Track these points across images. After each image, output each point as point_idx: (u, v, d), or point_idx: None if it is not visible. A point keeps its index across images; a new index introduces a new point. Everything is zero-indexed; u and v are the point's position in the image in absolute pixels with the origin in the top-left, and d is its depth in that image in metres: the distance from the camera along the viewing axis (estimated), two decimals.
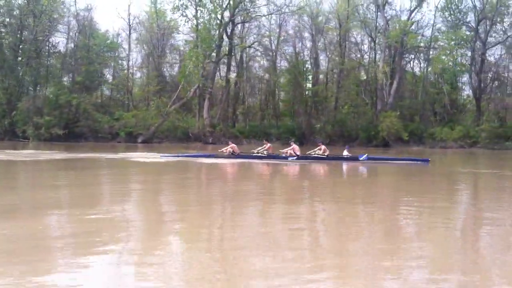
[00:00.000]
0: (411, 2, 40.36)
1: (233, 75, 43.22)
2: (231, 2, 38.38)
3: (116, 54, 45.70)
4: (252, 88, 47.83)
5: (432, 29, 41.20)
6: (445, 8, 41.94)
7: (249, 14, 40.15)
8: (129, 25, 43.00)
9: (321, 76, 44.00)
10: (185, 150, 27.53)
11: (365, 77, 43.53)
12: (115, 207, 7.68)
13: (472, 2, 40.98)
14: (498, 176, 15.85)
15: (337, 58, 41.71)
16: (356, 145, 38.63)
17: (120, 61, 43.71)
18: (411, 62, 46.64)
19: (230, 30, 40.05)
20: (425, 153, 34.70)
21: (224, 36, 39.70)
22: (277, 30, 43.81)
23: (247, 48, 43.00)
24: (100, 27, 45.76)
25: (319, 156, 19.18)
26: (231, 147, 19.61)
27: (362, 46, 44.54)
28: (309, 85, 44.68)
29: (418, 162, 19.26)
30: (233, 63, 42.53)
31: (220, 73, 44.23)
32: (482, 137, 37.92)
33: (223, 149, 20.01)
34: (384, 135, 37.25)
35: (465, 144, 38.42)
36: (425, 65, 42.79)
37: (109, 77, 45.26)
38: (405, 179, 14.36)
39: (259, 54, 45.65)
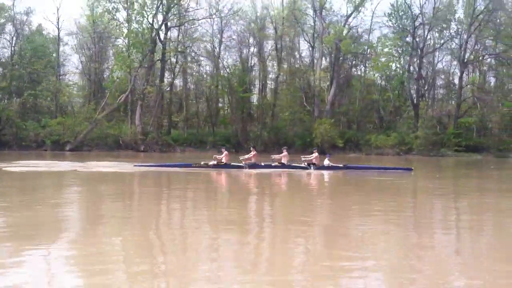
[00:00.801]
0: (347, 7, 40.06)
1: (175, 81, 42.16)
2: (163, 5, 37.27)
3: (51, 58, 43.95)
4: (196, 94, 46.87)
5: (369, 35, 41.10)
6: (391, 14, 41.71)
7: (183, 17, 39.11)
8: (58, 29, 41.27)
9: (257, 83, 43.23)
10: (114, 158, 25.99)
11: (306, 84, 42.99)
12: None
13: (409, 8, 41.09)
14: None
15: (274, 64, 41.05)
16: (293, 152, 38.04)
17: (51, 66, 41.87)
18: (357, 68, 46.53)
19: (164, 35, 38.95)
20: (360, 159, 34.37)
21: (158, 41, 38.60)
22: (219, 35, 42.95)
23: (189, 54, 42.07)
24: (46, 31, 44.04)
25: (300, 166, 18.02)
26: (225, 155, 17.90)
27: (302, 52, 43.98)
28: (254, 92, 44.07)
29: (399, 171, 18.54)
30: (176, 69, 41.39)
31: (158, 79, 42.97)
32: (416, 144, 37.84)
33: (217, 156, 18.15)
34: (318, 142, 36.69)
35: (401, 151, 38.30)
36: (362, 72, 42.54)
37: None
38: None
39: (201, 59, 44.73)
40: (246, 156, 18.23)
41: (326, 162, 18.43)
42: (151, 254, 5.37)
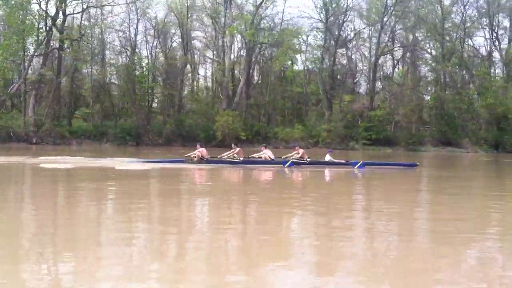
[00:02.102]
0: None
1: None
2: None
3: None
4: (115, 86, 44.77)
5: (281, 26, 39.90)
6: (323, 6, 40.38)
7: (84, 3, 37.20)
8: None
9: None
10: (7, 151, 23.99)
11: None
12: None
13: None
14: None
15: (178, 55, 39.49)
16: (211, 146, 36.61)
17: None
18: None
19: (62, 22, 36.96)
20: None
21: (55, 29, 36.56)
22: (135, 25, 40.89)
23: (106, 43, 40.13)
24: None
25: (301, 161, 16.61)
26: (199, 151, 16.86)
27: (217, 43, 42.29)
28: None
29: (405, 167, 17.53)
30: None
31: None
32: (323, 137, 36.88)
33: (190, 154, 17.13)
34: (219, 135, 35.34)
35: (309, 144, 37.26)
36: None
37: None
38: None
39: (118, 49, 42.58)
40: (226, 154, 17.15)
41: (328, 157, 17.04)
42: None
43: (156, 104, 40.35)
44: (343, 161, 17.44)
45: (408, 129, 38.96)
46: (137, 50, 39.73)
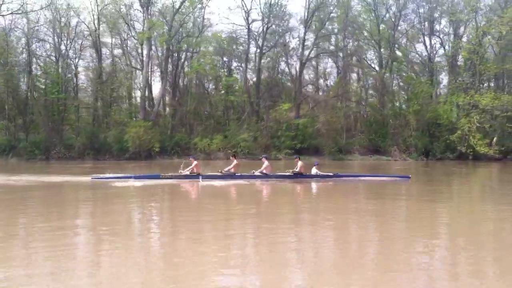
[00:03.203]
0: (173, 3, 37.22)
1: None
2: None
3: None
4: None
5: (199, 32, 38.53)
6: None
7: None
8: None
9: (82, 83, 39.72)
10: None
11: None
12: None
13: (244, 5, 39.03)
14: None
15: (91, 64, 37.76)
16: (107, 158, 34.83)
17: None
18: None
19: None
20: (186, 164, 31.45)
21: None
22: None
23: None
24: None
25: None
26: (195, 165, 16.16)
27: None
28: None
29: (397, 179, 17.15)
30: None
31: None
32: (243, 147, 35.47)
33: (187, 169, 16.19)
34: (130, 146, 33.62)
35: (230, 154, 35.67)
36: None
37: None
38: None
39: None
40: (226, 169, 16.46)
41: (314, 171, 16.70)
42: None
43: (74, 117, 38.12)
44: (330, 173, 17.10)
45: (333, 137, 37.77)
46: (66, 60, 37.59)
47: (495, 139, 36.90)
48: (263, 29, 39.48)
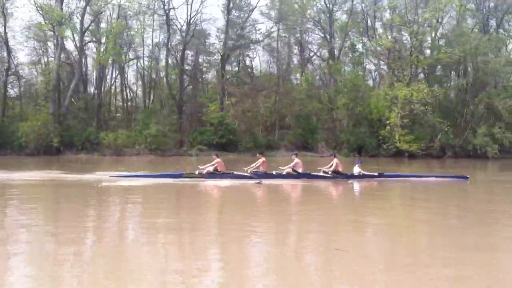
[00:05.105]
0: None
1: None
2: None
3: None
4: None
5: (109, 23, 36.60)
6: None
7: None
8: None
9: None
10: None
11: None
12: None
13: None
14: None
15: None
16: (9, 153, 32.79)
17: None
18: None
19: None
20: (92, 161, 29.53)
21: None
22: None
23: None
24: None
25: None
26: (216, 162, 14.65)
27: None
28: None
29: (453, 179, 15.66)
30: None
31: None
32: (147, 142, 33.32)
33: (205, 166, 14.83)
34: (24, 141, 31.60)
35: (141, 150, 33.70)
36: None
37: None
38: None
39: None
40: (254, 165, 14.76)
41: (356, 169, 15.15)
42: None
43: None
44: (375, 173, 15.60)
45: (252, 133, 35.55)
46: None
47: (439, 136, 34.11)
48: (187, 19, 37.49)
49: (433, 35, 35.76)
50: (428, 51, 39.28)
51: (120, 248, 6.13)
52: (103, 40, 35.12)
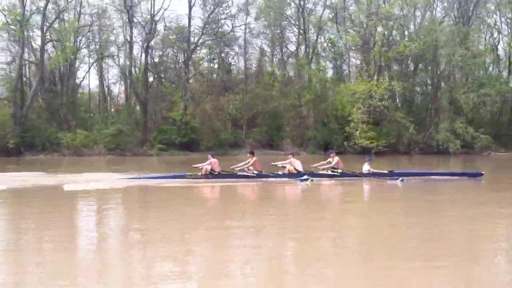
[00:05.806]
0: None
1: None
2: None
3: None
4: None
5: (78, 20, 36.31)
6: None
7: None
8: None
9: None
10: None
11: None
12: None
13: None
14: None
15: None
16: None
17: None
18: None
19: None
20: (51, 161, 29.40)
21: None
22: None
23: None
24: None
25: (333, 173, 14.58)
26: (209, 163, 14.51)
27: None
28: None
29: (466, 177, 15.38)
30: None
31: None
32: (106, 142, 33.10)
33: (197, 165, 14.87)
34: None
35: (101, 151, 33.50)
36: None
37: None
38: None
39: None
40: (242, 164, 14.74)
41: (366, 167, 14.82)
42: None
43: None
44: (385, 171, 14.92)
45: (214, 131, 35.14)
46: None
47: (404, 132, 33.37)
48: (151, 15, 37.03)
49: (396, 28, 34.75)
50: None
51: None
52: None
